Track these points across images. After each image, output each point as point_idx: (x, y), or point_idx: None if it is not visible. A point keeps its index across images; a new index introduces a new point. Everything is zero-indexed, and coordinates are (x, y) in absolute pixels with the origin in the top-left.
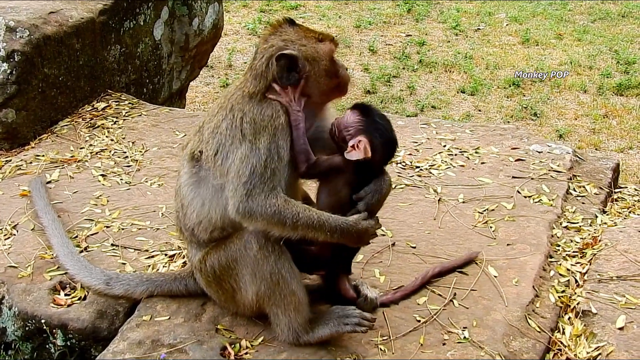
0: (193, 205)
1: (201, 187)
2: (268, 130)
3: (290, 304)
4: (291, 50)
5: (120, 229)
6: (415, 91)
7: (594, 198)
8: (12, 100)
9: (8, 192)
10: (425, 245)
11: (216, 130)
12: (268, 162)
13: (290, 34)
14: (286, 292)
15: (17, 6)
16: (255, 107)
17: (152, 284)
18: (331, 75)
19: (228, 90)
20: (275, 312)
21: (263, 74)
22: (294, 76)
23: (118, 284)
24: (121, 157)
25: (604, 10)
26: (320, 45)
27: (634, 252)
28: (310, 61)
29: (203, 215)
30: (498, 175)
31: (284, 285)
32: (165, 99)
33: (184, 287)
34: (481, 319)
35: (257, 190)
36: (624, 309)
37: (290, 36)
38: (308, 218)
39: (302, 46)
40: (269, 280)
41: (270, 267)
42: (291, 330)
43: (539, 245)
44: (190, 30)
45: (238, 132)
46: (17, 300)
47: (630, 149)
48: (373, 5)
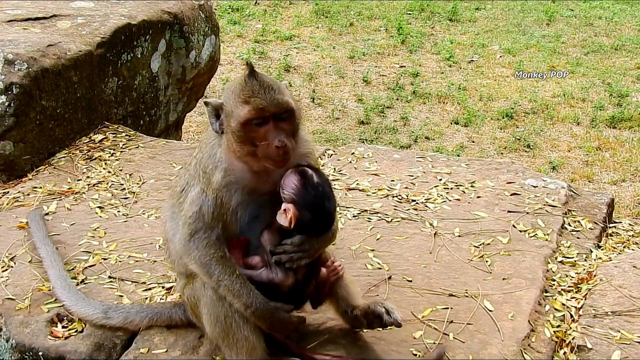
0: (172, 239)
1: (174, 220)
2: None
3: (242, 348)
4: (218, 99)
5: (118, 261)
6: (408, 122)
7: (589, 233)
8: (10, 132)
9: (5, 224)
10: (422, 279)
11: (188, 167)
12: (213, 212)
13: (235, 82)
14: (239, 337)
15: (15, 39)
16: (205, 156)
17: (151, 311)
18: (243, 140)
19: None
20: (229, 354)
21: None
22: (218, 126)
23: (116, 314)
24: (118, 189)
25: (597, 43)
26: (239, 106)
27: (629, 288)
28: (227, 117)
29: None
30: (494, 210)
31: (237, 329)
32: (161, 130)
33: (182, 313)
34: (477, 353)
35: (199, 234)
36: (619, 344)
37: (232, 85)
38: (230, 284)
39: (229, 99)
40: (223, 322)
41: (224, 311)
42: None
43: (535, 280)
44: (187, 62)
45: (198, 173)
46: (14, 332)
47: (623, 181)
48: (367, 36)
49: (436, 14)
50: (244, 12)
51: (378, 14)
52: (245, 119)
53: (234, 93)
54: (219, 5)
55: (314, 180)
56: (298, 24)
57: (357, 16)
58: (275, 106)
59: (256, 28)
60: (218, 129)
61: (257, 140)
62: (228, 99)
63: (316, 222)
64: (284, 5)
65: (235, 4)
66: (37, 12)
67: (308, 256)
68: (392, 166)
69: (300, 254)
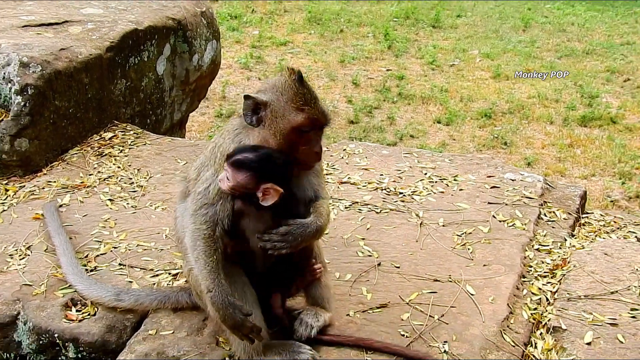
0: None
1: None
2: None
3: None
4: (261, 96)
5: (127, 249)
6: (394, 121)
7: (563, 223)
8: (26, 131)
9: (22, 216)
10: (409, 265)
11: (204, 151)
12: (219, 194)
13: (283, 85)
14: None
15: (30, 43)
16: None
17: (160, 295)
18: (286, 140)
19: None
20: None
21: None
22: (254, 120)
23: (128, 296)
24: (127, 183)
25: (570, 48)
26: (293, 111)
27: (600, 273)
28: (274, 116)
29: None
30: (475, 201)
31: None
32: (167, 129)
33: (187, 297)
34: (460, 333)
35: (202, 210)
36: (591, 326)
37: (280, 86)
38: (203, 265)
39: (278, 100)
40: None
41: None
42: (245, 351)
43: (513, 266)
44: (191, 65)
45: (215, 155)
46: (31, 315)
47: (593, 175)
48: (356, 42)
49: (420, 21)
50: (242, 20)
51: (366, 21)
52: (298, 125)
53: (286, 97)
54: (219, 13)
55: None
56: (292, 31)
57: (346, 23)
58: (325, 119)
59: (253, 34)
60: (254, 122)
61: (300, 144)
62: (277, 100)
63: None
64: (279, 13)
65: (234, 12)
66: (50, 18)
67: (290, 247)
68: (381, 161)
69: (283, 244)
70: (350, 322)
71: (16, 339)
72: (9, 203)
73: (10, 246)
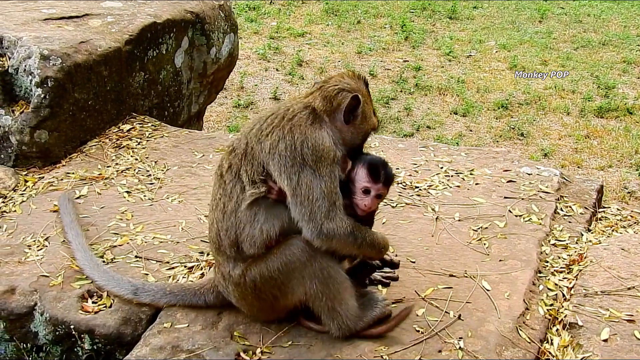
0: (245, 223)
1: (254, 206)
2: (328, 160)
3: (345, 292)
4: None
5: (143, 242)
6: (411, 112)
7: (580, 217)
8: (46, 123)
9: (41, 207)
10: (424, 260)
11: (274, 151)
12: (334, 188)
13: (363, 90)
14: (338, 283)
15: (50, 36)
16: (316, 134)
17: (174, 297)
18: (358, 141)
19: (283, 107)
20: (330, 305)
21: (332, 99)
22: (350, 118)
23: (144, 294)
24: (144, 175)
25: (586, 39)
26: (373, 116)
27: (617, 269)
28: (362, 117)
29: (256, 232)
30: (491, 196)
31: (336, 275)
32: (184, 121)
33: (203, 301)
34: (475, 330)
35: (332, 213)
36: (608, 322)
37: (363, 91)
38: (372, 238)
39: (366, 103)
40: (320, 275)
41: (318, 264)
42: (349, 318)
43: (529, 261)
44: (208, 58)
45: (298, 156)
46: (48, 307)
47: (610, 167)
48: (373, 33)
49: (437, 12)
50: (260, 11)
51: (383, 12)
52: (374, 127)
53: (366, 100)
54: (237, 5)
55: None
56: (310, 22)
57: (364, 14)
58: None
59: (271, 25)
60: (350, 120)
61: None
62: (363, 107)
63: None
64: (297, 5)
65: (252, 4)
66: (71, 11)
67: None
68: (397, 155)
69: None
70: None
71: (33, 330)
72: (28, 194)
73: (29, 237)
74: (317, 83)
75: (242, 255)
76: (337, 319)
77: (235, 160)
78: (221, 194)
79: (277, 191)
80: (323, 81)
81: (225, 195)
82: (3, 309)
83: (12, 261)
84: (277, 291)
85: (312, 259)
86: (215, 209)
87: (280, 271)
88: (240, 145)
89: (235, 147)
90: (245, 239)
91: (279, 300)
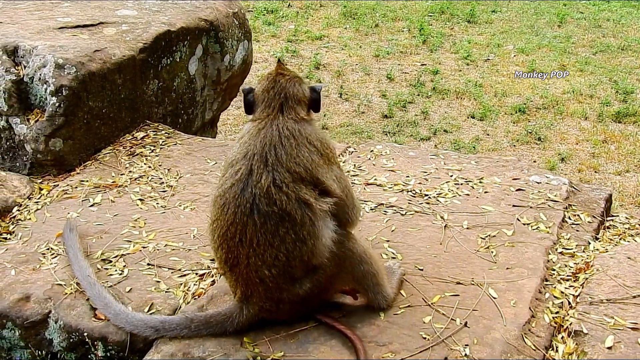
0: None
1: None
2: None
3: (383, 269)
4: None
5: (156, 249)
6: (428, 116)
7: (588, 226)
8: (60, 131)
9: (55, 215)
10: (432, 267)
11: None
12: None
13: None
14: (375, 260)
15: (65, 45)
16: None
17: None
18: None
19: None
20: (376, 282)
21: (302, 100)
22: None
23: (169, 333)
24: (158, 183)
25: (605, 44)
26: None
27: (623, 277)
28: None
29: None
30: (500, 204)
31: (372, 253)
32: (198, 128)
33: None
34: (481, 337)
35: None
36: (613, 330)
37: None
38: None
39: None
40: (365, 257)
41: (359, 248)
42: (387, 288)
43: (536, 270)
44: (222, 65)
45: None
46: (62, 314)
47: (627, 172)
48: (391, 37)
49: (455, 16)
50: (278, 14)
51: (401, 15)
52: None
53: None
54: (255, 8)
55: None
56: (327, 25)
57: (382, 18)
58: None
59: (289, 28)
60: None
61: None
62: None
63: None
64: (315, 8)
65: (270, 6)
66: (86, 19)
67: None
68: (407, 163)
69: None
70: (372, 325)
71: (47, 337)
72: (43, 202)
73: (43, 245)
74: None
75: (310, 269)
76: (381, 292)
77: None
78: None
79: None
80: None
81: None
82: (18, 316)
83: (27, 269)
84: (330, 285)
85: (354, 245)
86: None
87: (334, 269)
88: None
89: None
90: (317, 253)
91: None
